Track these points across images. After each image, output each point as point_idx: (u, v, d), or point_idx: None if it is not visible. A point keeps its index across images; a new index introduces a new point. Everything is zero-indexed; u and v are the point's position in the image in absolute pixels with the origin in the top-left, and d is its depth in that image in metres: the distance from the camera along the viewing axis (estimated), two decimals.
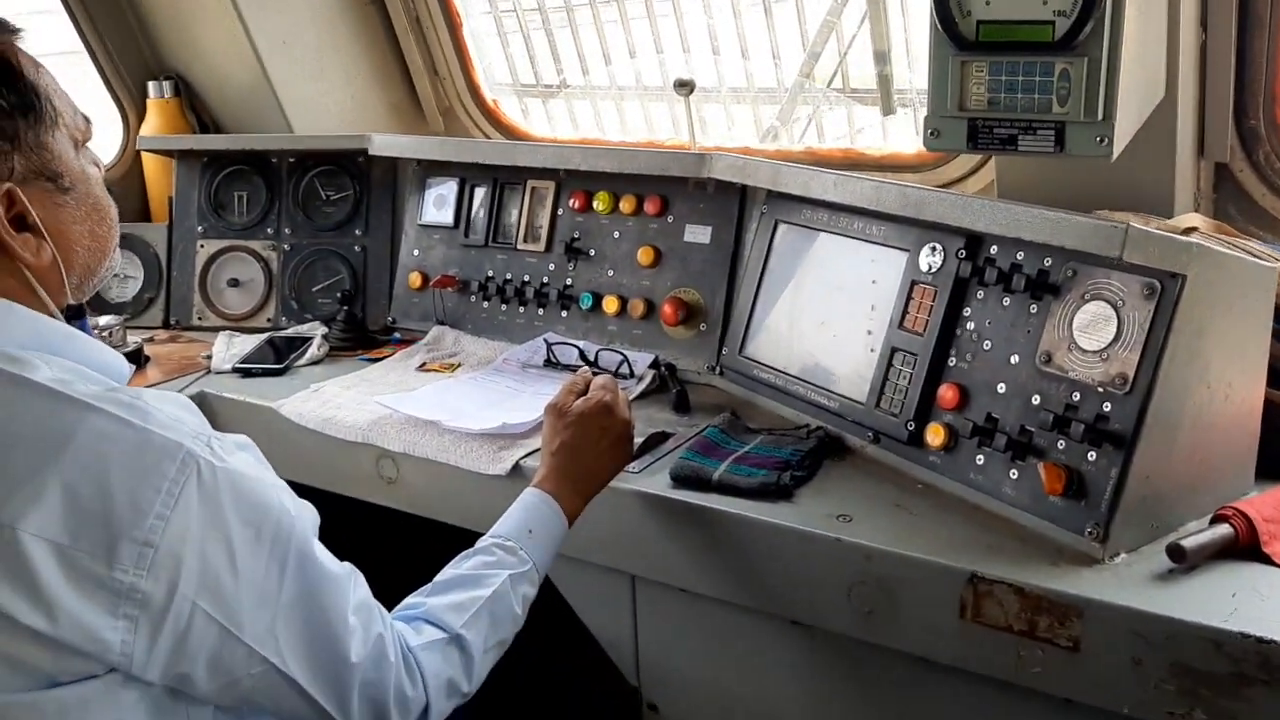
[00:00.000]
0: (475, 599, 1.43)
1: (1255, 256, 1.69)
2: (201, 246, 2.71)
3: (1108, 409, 1.48)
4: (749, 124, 2.89)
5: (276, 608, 1.17)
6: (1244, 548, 1.45)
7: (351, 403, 2.14)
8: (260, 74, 2.81)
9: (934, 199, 1.70)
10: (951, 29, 1.60)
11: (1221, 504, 1.50)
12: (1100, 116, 1.55)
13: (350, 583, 1.27)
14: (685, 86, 2.36)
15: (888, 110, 2.43)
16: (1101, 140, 1.56)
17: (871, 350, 1.83)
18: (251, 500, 1.15)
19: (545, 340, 2.31)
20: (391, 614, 1.38)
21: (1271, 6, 2.00)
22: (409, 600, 1.44)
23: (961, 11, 1.60)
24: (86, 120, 1.28)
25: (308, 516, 1.23)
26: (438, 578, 1.48)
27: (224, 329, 2.63)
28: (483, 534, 1.57)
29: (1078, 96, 1.54)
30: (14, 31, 1.21)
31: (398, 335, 2.56)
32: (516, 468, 1.86)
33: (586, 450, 1.66)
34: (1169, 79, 1.84)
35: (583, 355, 2.25)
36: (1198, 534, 1.45)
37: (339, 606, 1.23)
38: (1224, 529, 1.46)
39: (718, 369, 2.16)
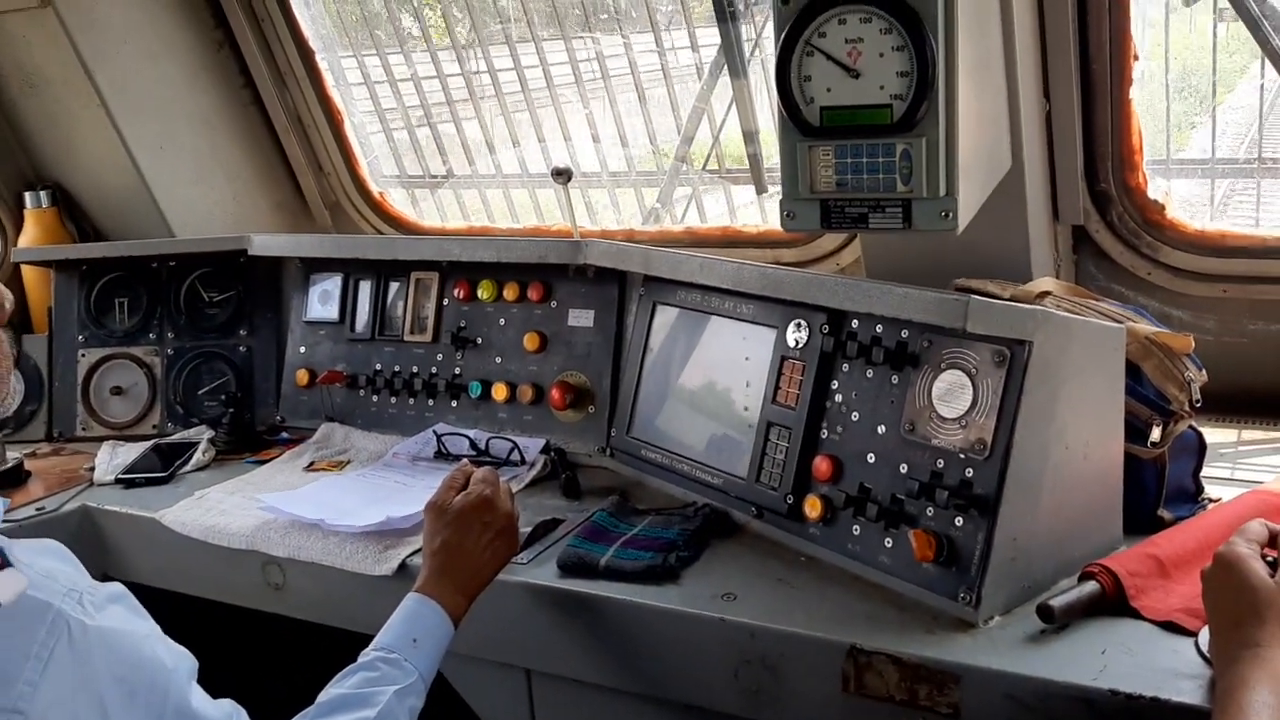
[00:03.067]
0: None
1: (1106, 317, 1.77)
2: (83, 355, 2.66)
3: (970, 474, 1.53)
4: (633, 206, 2.94)
5: None
6: (1112, 603, 1.49)
7: (235, 508, 2.10)
8: (138, 179, 2.79)
9: (791, 278, 1.75)
10: (796, 116, 1.66)
11: (1090, 560, 1.55)
12: (943, 192, 1.62)
13: None
14: (562, 175, 2.39)
15: (760, 188, 2.50)
16: (946, 215, 1.62)
17: (750, 426, 1.85)
18: (124, 657, 1.13)
19: (435, 432, 2.29)
20: None
21: (1109, 73, 2.11)
22: None
23: (804, 99, 1.66)
24: None
25: (184, 666, 1.21)
26: (321, 697, 1.45)
27: (109, 438, 2.57)
28: (373, 635, 1.55)
29: (919, 174, 1.61)
30: None
31: (286, 435, 2.53)
32: (403, 566, 1.84)
33: (468, 547, 1.65)
34: (1014, 149, 1.92)
35: (473, 444, 2.24)
36: (1065, 593, 1.49)
37: None
38: (1091, 586, 1.50)
39: (608, 450, 2.17)
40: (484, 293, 2.37)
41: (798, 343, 1.78)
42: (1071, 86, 2.05)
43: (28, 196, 2.94)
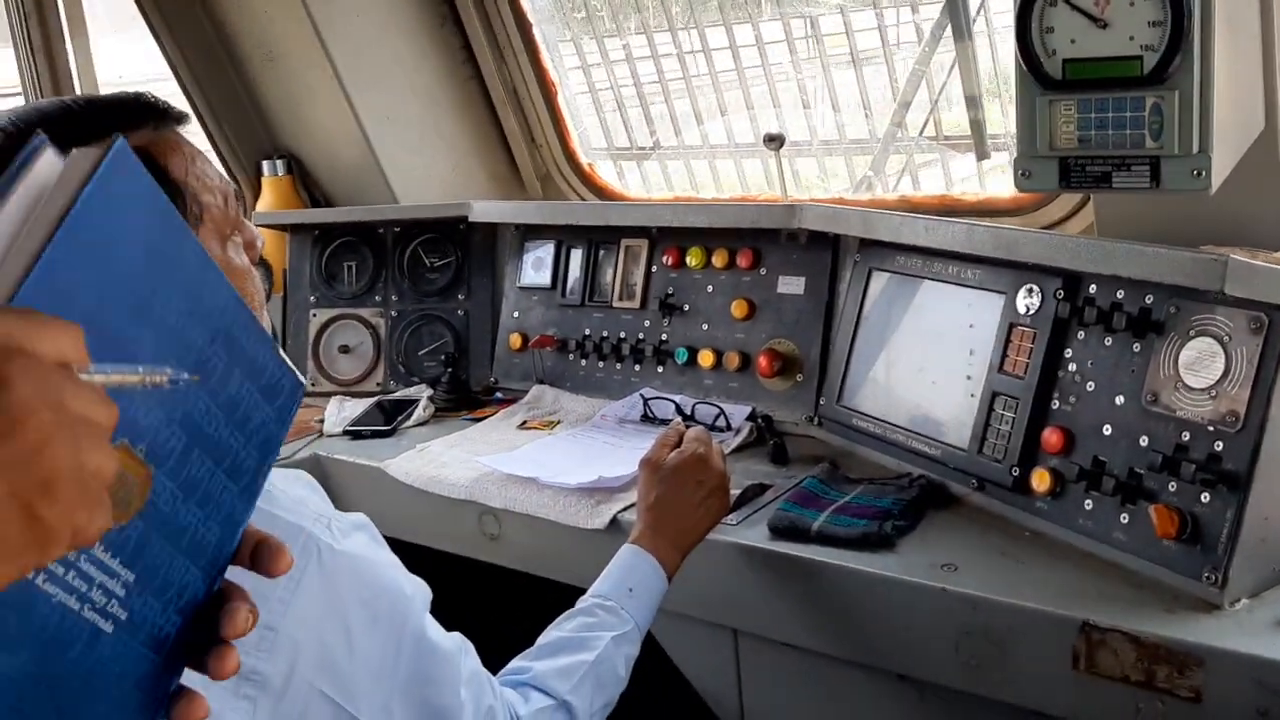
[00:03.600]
0: (580, 663, 1.44)
1: None
2: (314, 316, 2.82)
3: (1219, 448, 1.43)
4: (843, 176, 2.89)
5: (392, 687, 1.20)
6: None
7: (455, 461, 2.18)
8: (366, 149, 2.93)
9: (1027, 239, 1.68)
10: (1037, 69, 1.59)
11: None
12: (1196, 149, 1.51)
13: (461, 657, 1.29)
14: (775, 141, 2.38)
15: (982, 155, 2.41)
16: (1198, 174, 1.52)
17: (972, 396, 1.80)
18: (369, 582, 1.19)
19: (641, 395, 2.32)
20: (498, 679, 1.39)
21: None
22: (515, 664, 1.45)
23: (1047, 51, 1.58)
24: (239, 197, 1.27)
25: (421, 595, 1.26)
26: (541, 639, 1.49)
27: (336, 394, 2.71)
28: (584, 588, 1.59)
29: (1171, 130, 1.51)
30: (178, 120, 1.22)
31: (499, 395, 2.61)
32: (614, 521, 1.87)
33: (682, 504, 1.66)
34: (1268, 109, 1.78)
35: (679, 409, 2.26)
36: None
37: (451, 682, 1.25)
38: None
39: (816, 419, 2.15)
40: (693, 260, 2.38)
41: (1029, 309, 1.71)
42: None
43: (265, 165, 3.12)
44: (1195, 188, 1.54)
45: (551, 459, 2.11)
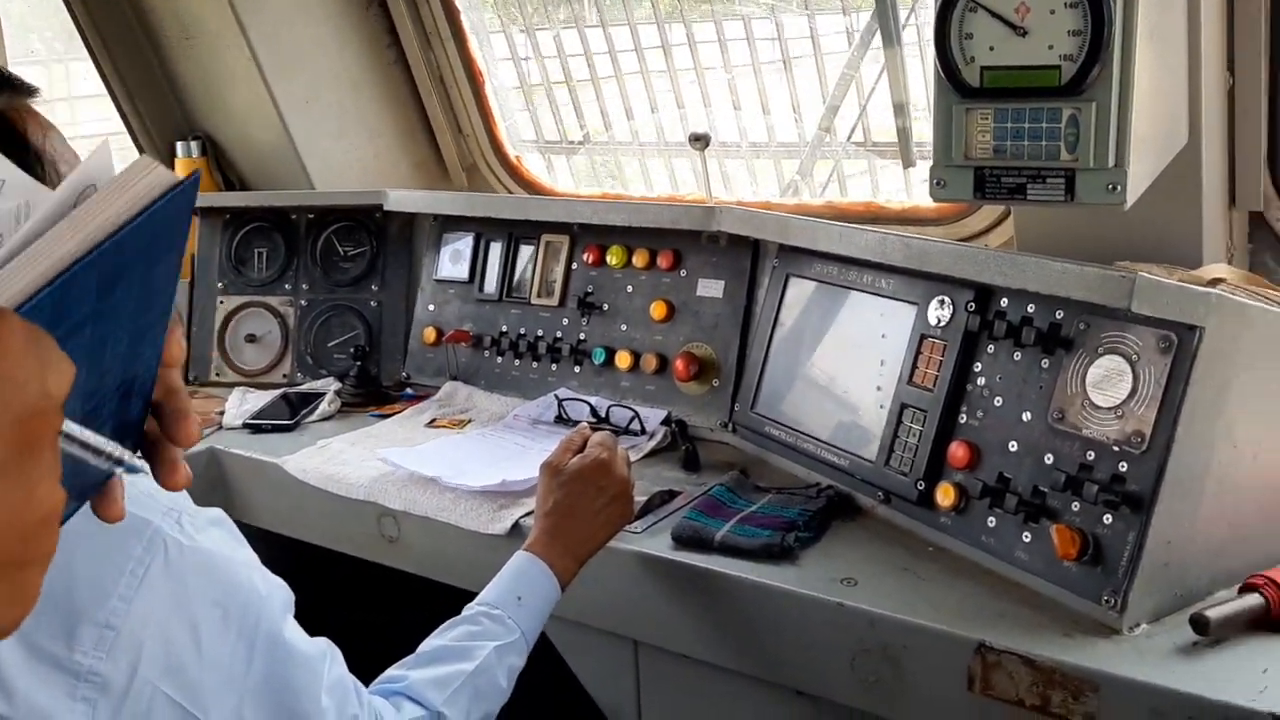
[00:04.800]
0: (458, 673, 1.38)
1: None
2: (221, 302, 2.71)
3: (1124, 469, 1.40)
4: (772, 179, 2.85)
5: (243, 690, 1.14)
6: (1276, 619, 1.36)
7: (356, 459, 2.10)
8: (283, 133, 2.83)
9: (937, 250, 1.64)
10: (954, 76, 1.55)
11: (1253, 571, 1.41)
12: (1112, 163, 1.49)
13: (325, 662, 1.22)
14: (700, 141, 2.33)
15: (908, 163, 2.38)
16: (1114, 188, 1.49)
17: (881, 407, 1.76)
18: (219, 580, 1.12)
19: (556, 396, 2.26)
20: (372, 687, 1.33)
21: None
22: (391, 673, 1.39)
23: (965, 58, 1.55)
24: None
25: (279, 596, 1.20)
26: (421, 647, 1.43)
27: (241, 385, 2.62)
28: None
29: (1087, 142, 1.48)
30: (29, 93, 1.18)
31: (410, 391, 2.53)
32: (516, 527, 1.80)
33: (581, 511, 1.61)
34: (1192, 124, 1.77)
35: (594, 411, 2.20)
36: (1224, 604, 1.36)
37: (311, 687, 1.19)
38: (1253, 599, 1.36)
39: (730, 426, 2.10)
40: (613, 258, 2.32)
41: (940, 321, 1.68)
42: (1259, 60, 1.87)
43: (179, 146, 3.01)
44: (1110, 202, 1.52)
45: (457, 458, 2.04)
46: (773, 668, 1.59)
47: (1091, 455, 1.44)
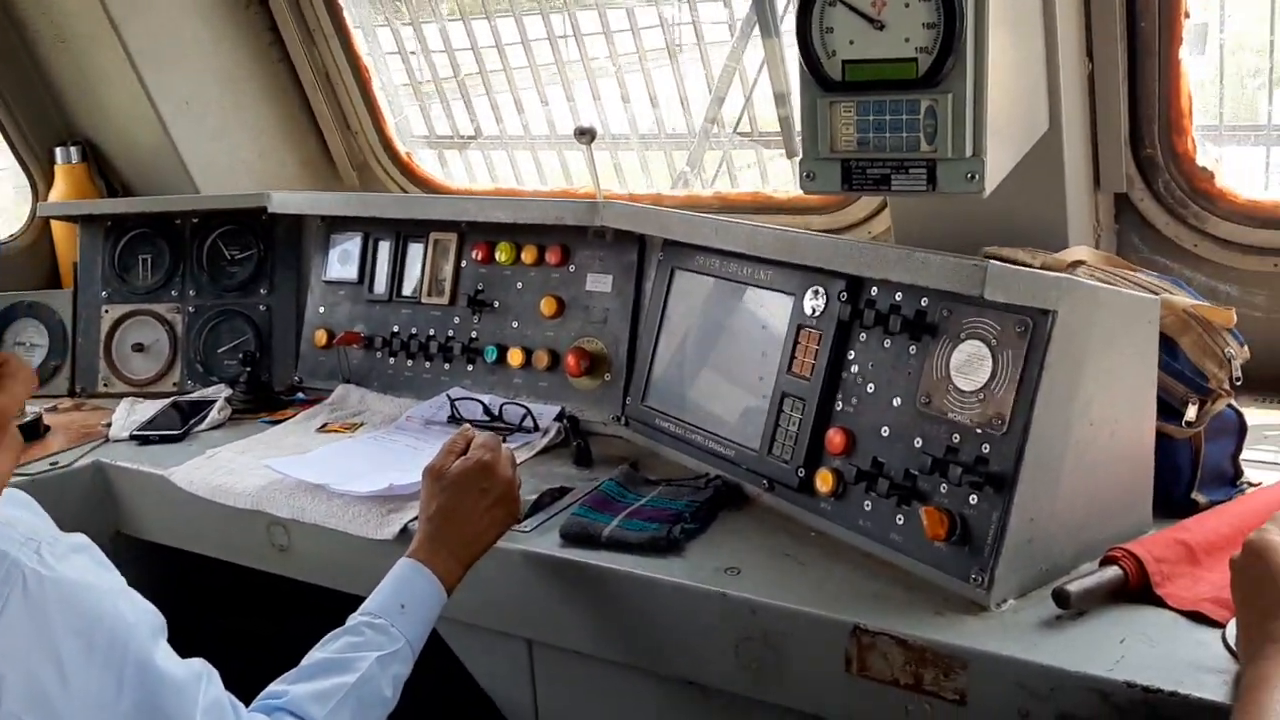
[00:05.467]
0: (340, 686, 1.37)
1: (1141, 288, 1.67)
2: (106, 312, 2.65)
3: (986, 450, 1.45)
4: (664, 170, 2.87)
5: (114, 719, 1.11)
6: (1135, 590, 1.41)
7: (244, 468, 2.07)
8: (163, 135, 2.77)
9: (806, 242, 1.67)
10: (817, 70, 1.58)
11: (1114, 544, 1.46)
12: (969, 152, 1.52)
13: (200, 684, 1.20)
14: (585, 135, 2.32)
15: (791, 152, 2.42)
16: (972, 176, 1.53)
17: (763, 396, 1.79)
18: (82, 610, 1.10)
19: (449, 396, 2.25)
20: (254, 704, 1.32)
21: (1159, 31, 2.00)
22: (272, 688, 1.38)
23: (827, 51, 1.57)
24: None
25: (148, 621, 1.18)
26: (304, 660, 1.42)
27: (129, 395, 2.56)
28: None
29: (944, 133, 1.52)
30: None
31: (302, 395, 2.50)
32: (405, 531, 1.80)
33: (465, 514, 1.60)
34: (1052, 110, 1.82)
35: (487, 410, 2.20)
36: (1085, 577, 1.41)
37: (184, 711, 1.17)
38: (1113, 571, 1.42)
39: (623, 419, 2.12)
40: (502, 255, 2.32)
41: (815, 310, 1.71)
42: (1116, 45, 1.94)
43: (58, 152, 2.93)
44: (969, 190, 1.55)
45: (345, 464, 2.02)
46: (662, 660, 1.61)
47: (957, 438, 1.48)
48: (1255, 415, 1.84)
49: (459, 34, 3.01)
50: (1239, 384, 1.62)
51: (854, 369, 1.65)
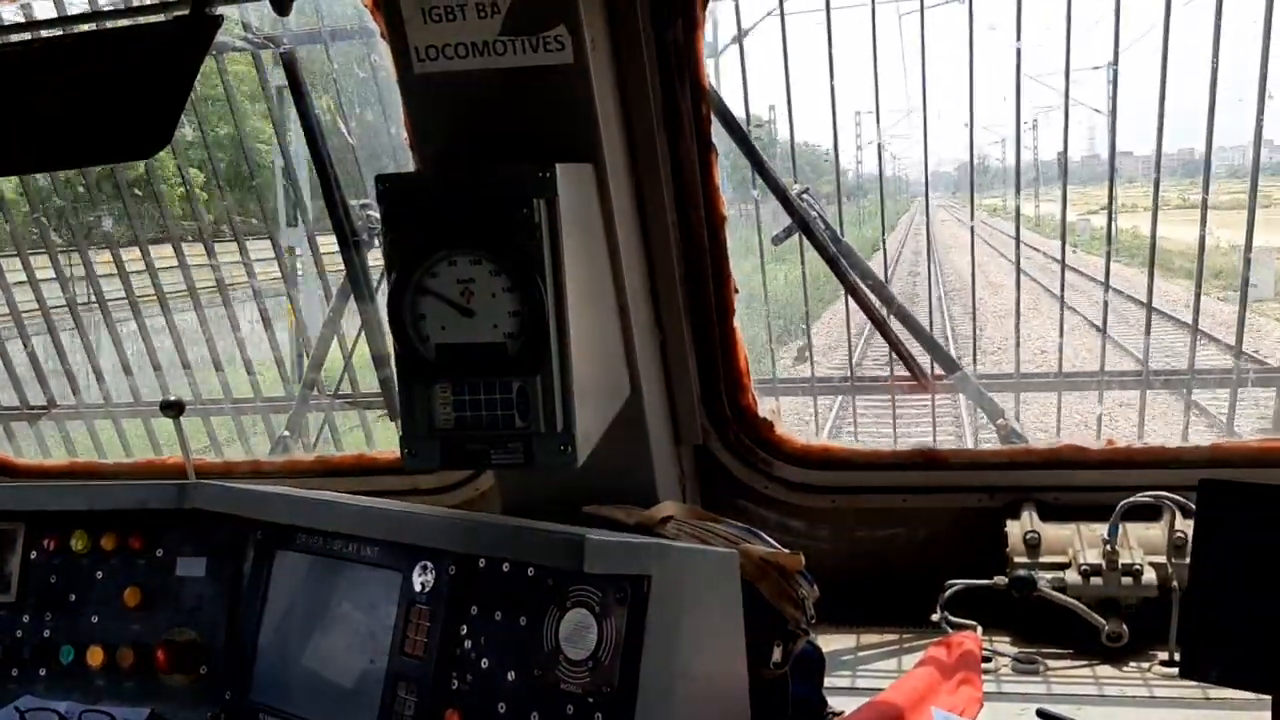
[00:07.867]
0: None
1: (723, 539, 1.82)
2: None
3: (599, 719, 1.48)
4: (262, 436, 2.78)
5: None
6: None
7: None
8: None
9: (415, 522, 1.68)
10: (413, 355, 1.63)
11: None
12: (560, 427, 1.62)
13: None
14: (172, 409, 2.22)
15: (393, 415, 2.44)
16: (565, 449, 1.63)
17: (376, 681, 1.72)
18: None
19: (17, 708, 1.97)
20: None
21: (715, 304, 2.26)
22: None
23: (420, 336, 1.64)
24: None
25: None
26: None
27: None
28: None
29: (537, 411, 1.61)
30: None
31: None
32: None
33: None
34: (632, 378, 1.99)
35: None
36: None
37: None
38: None
39: (222, 717, 1.94)
40: (77, 543, 2.11)
41: (425, 586, 1.70)
42: (681, 318, 2.17)
43: None
44: (564, 461, 1.65)
45: None
46: None
47: (571, 709, 1.50)
48: (831, 641, 2.03)
49: (25, 294, 2.80)
50: (814, 620, 1.78)
51: (467, 645, 1.64)
